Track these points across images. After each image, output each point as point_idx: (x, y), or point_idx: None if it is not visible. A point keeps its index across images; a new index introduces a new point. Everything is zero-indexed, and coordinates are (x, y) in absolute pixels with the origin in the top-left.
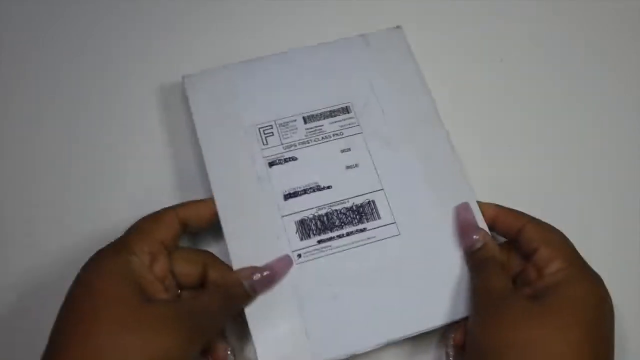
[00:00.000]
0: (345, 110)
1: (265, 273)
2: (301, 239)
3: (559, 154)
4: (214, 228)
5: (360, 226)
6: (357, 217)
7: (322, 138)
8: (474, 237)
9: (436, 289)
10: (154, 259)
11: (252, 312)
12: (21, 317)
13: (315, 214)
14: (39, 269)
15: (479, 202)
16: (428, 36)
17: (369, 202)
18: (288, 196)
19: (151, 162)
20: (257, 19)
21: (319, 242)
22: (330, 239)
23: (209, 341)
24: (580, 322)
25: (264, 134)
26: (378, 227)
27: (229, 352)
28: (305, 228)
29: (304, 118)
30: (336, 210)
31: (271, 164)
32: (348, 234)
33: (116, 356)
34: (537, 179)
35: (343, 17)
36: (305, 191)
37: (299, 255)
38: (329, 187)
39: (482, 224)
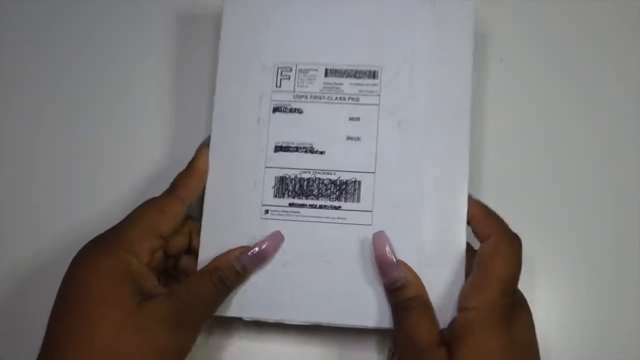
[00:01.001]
0: (372, 74)
1: (256, 250)
2: (275, 196)
3: (558, 154)
4: None
5: (336, 203)
6: (337, 192)
7: (336, 98)
8: (394, 275)
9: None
10: (153, 255)
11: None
12: (21, 308)
13: (298, 176)
14: (41, 253)
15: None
16: None
17: (354, 182)
18: (279, 149)
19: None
20: None
21: (290, 204)
22: (302, 205)
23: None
24: None
25: (281, 75)
26: (353, 210)
27: None
28: (283, 186)
29: (326, 70)
30: (319, 179)
31: (275, 109)
32: (321, 207)
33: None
34: (536, 179)
35: None
36: (297, 149)
37: (267, 211)
38: (321, 152)
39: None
